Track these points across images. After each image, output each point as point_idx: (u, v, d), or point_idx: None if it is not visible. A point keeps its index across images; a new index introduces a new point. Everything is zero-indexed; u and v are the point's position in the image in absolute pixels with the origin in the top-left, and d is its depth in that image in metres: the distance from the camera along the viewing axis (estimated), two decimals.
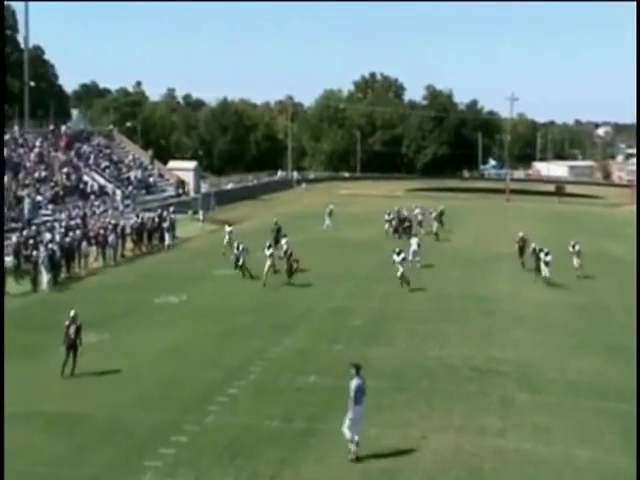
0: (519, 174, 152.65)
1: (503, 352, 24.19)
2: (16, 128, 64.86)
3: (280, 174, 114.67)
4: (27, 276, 33.99)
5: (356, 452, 16.07)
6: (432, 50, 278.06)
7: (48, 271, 33.71)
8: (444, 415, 18.60)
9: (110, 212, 52.03)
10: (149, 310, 29.66)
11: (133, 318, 28.05)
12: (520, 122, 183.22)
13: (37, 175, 54.42)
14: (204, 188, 75.11)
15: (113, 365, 22.42)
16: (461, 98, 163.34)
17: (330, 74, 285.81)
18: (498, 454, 16.49)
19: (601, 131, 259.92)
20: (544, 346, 25.13)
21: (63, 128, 69.76)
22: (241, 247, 36.89)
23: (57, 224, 43.28)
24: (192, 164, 76.88)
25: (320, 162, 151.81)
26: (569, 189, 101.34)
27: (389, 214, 53.13)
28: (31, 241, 37.10)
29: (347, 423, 16.19)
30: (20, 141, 60.70)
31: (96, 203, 53.92)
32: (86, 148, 66.74)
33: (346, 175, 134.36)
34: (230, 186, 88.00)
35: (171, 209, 51.82)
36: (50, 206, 50.17)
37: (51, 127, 68.12)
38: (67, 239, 37.65)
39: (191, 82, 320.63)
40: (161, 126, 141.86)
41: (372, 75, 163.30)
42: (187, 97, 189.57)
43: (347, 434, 16.17)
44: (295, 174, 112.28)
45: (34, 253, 34.19)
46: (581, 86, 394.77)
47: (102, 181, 61.03)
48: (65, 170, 57.98)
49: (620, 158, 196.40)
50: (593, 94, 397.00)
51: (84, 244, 38.02)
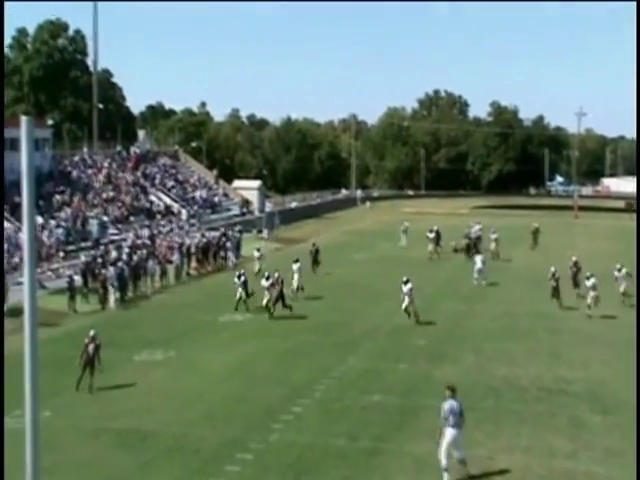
0: (587, 190, 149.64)
1: (572, 372, 23.68)
2: (85, 149, 66.36)
3: (344, 192, 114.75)
4: (95, 295, 34.54)
5: (467, 473, 15.79)
6: (496, 66, 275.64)
7: (116, 290, 34.28)
8: (512, 435, 18.25)
9: (176, 231, 52.70)
10: (214, 328, 29.86)
11: (198, 336, 28.27)
12: (588, 137, 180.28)
13: (105, 195, 55.47)
14: (268, 207, 75.58)
15: (179, 382, 22.63)
16: (527, 114, 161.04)
17: (393, 92, 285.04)
18: (568, 477, 16.09)
19: None
20: (615, 365, 24.51)
21: (132, 149, 70.99)
22: (243, 277, 33.23)
23: (124, 243, 44.01)
24: (256, 183, 77.44)
25: (384, 180, 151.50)
26: None
27: (431, 231, 50.07)
28: (99, 260, 37.75)
29: (443, 448, 15.55)
30: (89, 162, 62.02)
31: (162, 222, 54.68)
32: (152, 168, 67.82)
33: (410, 193, 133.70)
34: (294, 205, 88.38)
35: (236, 228, 52.23)
36: (118, 226, 51.09)
37: (118, 148, 69.44)
38: (134, 258, 38.25)
39: (255, 102, 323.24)
40: (226, 146, 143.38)
41: (436, 92, 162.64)
42: (251, 117, 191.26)
43: (442, 461, 15.49)
44: (359, 192, 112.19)
45: (102, 272, 34.76)
46: None
47: (168, 201, 61.89)
48: (132, 190, 59.01)
49: None
50: None
51: (150, 263, 38.53)
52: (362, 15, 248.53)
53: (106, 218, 50.63)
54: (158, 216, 56.70)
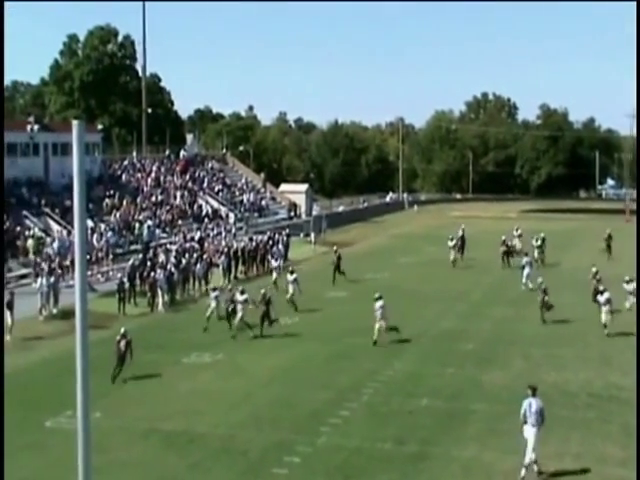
0: None
1: (623, 378, 23.28)
2: (134, 154, 67.20)
3: (391, 196, 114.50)
4: (144, 298, 34.84)
5: (539, 471, 16.11)
6: (545, 68, 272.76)
7: (165, 293, 34.60)
8: (561, 441, 18.02)
9: (223, 235, 53.03)
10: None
11: (246, 339, 28.38)
12: None
13: (154, 199, 56.08)
14: (315, 211, 75.65)
15: (226, 385, 22.77)
16: (577, 117, 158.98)
17: (441, 95, 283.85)
18: None
19: None
20: None
21: (182, 153, 71.67)
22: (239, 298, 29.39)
23: (173, 247, 44.41)
24: (304, 187, 77.61)
25: (432, 184, 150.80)
26: None
27: (452, 239, 47.26)
28: (149, 263, 38.14)
29: (528, 445, 16.14)
30: (138, 166, 62.79)
31: (210, 226, 55.07)
32: (200, 172, 68.39)
33: (458, 197, 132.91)
34: (341, 208, 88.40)
35: (285, 232, 52.28)
36: (167, 229, 51.60)
37: (167, 152, 70.15)
38: (183, 261, 38.58)
39: (302, 106, 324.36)
40: (273, 149, 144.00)
41: (484, 95, 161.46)
42: (298, 120, 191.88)
43: (527, 457, 16.04)
44: (406, 196, 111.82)
45: (151, 275, 35.11)
46: None
47: (216, 204, 62.35)
48: (180, 194, 59.57)
49: None
50: None
51: (199, 266, 38.80)
52: (410, 18, 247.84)
53: (154, 222, 51.16)
54: (206, 220, 57.13)
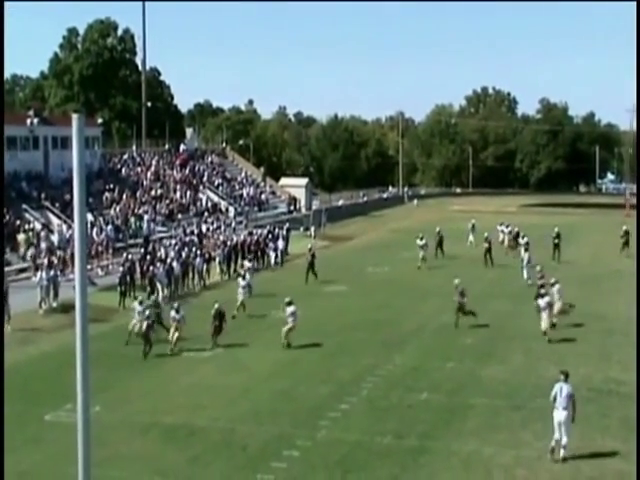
0: None
1: (623, 373, 23.26)
2: (134, 147, 67.16)
3: (391, 190, 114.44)
4: (144, 292, 34.81)
5: (564, 457, 16.51)
6: (545, 63, 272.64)
7: (165, 287, 34.58)
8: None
9: (223, 229, 53.00)
10: (261, 325, 29.99)
11: (245, 333, 28.38)
12: None
13: (153, 193, 56.05)
14: (315, 205, 75.65)
15: (226, 379, 22.78)
16: (577, 111, 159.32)
17: (441, 89, 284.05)
18: (619, 478, 15.87)
19: None
20: None
21: (181, 147, 71.63)
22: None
23: (172, 240, 44.38)
24: (303, 181, 77.61)
25: (431, 178, 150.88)
26: None
27: (421, 238, 44.03)
28: (148, 257, 38.11)
29: (555, 427, 16.72)
30: (137, 160, 62.75)
31: (209, 220, 55.05)
32: (200, 166, 68.36)
33: (458, 191, 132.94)
34: (341, 202, 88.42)
35: (285, 226, 52.20)
36: (166, 223, 51.58)
37: (167, 146, 70.11)
38: (182, 255, 38.54)
39: (302, 100, 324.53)
40: (273, 144, 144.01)
41: (484, 89, 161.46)
42: (298, 115, 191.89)
43: (556, 434, 16.68)
44: (407, 190, 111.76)
45: (151, 269, 35.09)
46: None
47: (216, 198, 62.33)
48: (180, 188, 59.53)
49: None
50: None
51: (198, 260, 38.78)
52: (410, 12, 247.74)
53: (150, 216, 51.09)
54: (206, 213, 57.12)
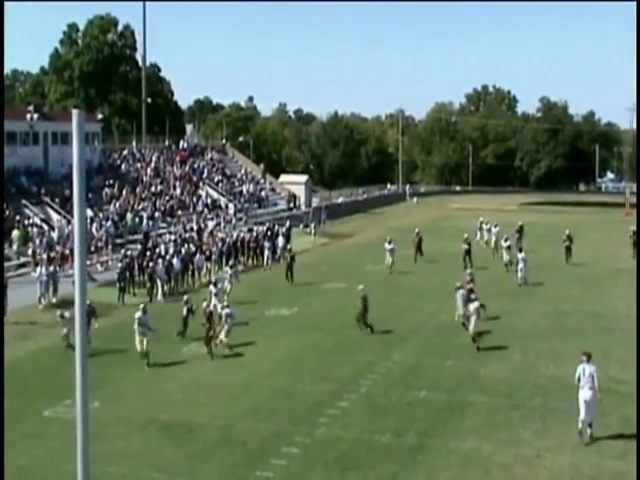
0: None
1: (622, 371, 23.25)
2: (134, 143, 67.13)
3: (390, 188, 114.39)
4: (143, 288, 34.84)
5: (591, 434, 17.30)
6: (546, 61, 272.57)
7: (164, 283, 34.58)
8: (559, 434, 18.04)
9: (222, 225, 52.97)
10: (260, 322, 29.97)
11: (245, 330, 28.33)
12: None
13: (153, 189, 56.02)
14: (315, 202, 75.67)
15: (226, 376, 22.78)
16: (577, 110, 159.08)
17: (441, 87, 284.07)
18: (618, 477, 15.87)
19: None
20: None
21: (182, 143, 71.60)
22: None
23: (172, 237, 44.34)
24: (303, 178, 77.59)
25: (431, 176, 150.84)
26: None
27: (389, 242, 42.48)
28: (148, 253, 38.10)
29: (581, 406, 17.40)
30: (137, 156, 62.72)
31: (209, 216, 55.03)
32: (200, 162, 68.33)
33: (457, 189, 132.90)
34: (341, 200, 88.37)
35: (286, 224, 51.99)
36: (166, 219, 51.55)
37: (167, 142, 70.08)
38: (182, 251, 38.51)
39: (302, 97, 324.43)
40: (273, 140, 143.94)
41: (484, 87, 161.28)
42: (298, 112, 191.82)
43: (582, 414, 17.37)
44: (407, 187, 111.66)
45: (150, 265, 35.07)
46: None
47: (215, 195, 62.31)
48: (180, 184, 59.51)
49: None
50: None
51: (198, 257, 38.76)
52: (409, 10, 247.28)
53: (148, 212, 51.04)
54: (205, 210, 57.10)
